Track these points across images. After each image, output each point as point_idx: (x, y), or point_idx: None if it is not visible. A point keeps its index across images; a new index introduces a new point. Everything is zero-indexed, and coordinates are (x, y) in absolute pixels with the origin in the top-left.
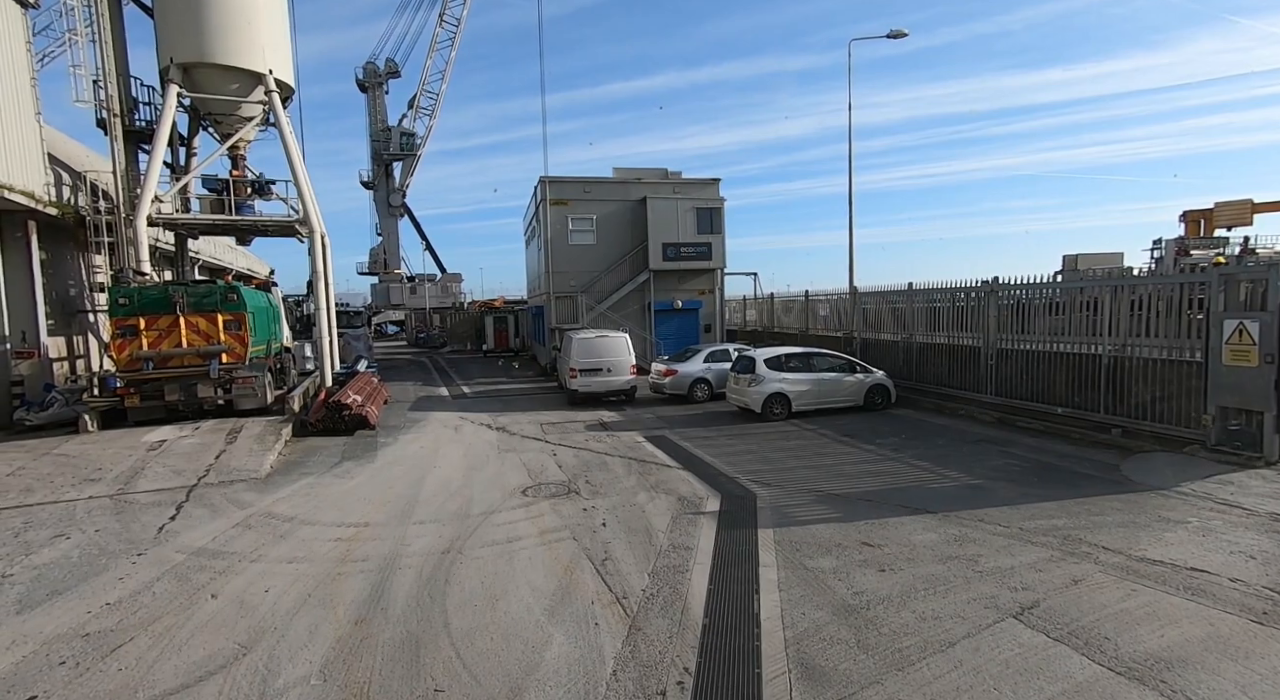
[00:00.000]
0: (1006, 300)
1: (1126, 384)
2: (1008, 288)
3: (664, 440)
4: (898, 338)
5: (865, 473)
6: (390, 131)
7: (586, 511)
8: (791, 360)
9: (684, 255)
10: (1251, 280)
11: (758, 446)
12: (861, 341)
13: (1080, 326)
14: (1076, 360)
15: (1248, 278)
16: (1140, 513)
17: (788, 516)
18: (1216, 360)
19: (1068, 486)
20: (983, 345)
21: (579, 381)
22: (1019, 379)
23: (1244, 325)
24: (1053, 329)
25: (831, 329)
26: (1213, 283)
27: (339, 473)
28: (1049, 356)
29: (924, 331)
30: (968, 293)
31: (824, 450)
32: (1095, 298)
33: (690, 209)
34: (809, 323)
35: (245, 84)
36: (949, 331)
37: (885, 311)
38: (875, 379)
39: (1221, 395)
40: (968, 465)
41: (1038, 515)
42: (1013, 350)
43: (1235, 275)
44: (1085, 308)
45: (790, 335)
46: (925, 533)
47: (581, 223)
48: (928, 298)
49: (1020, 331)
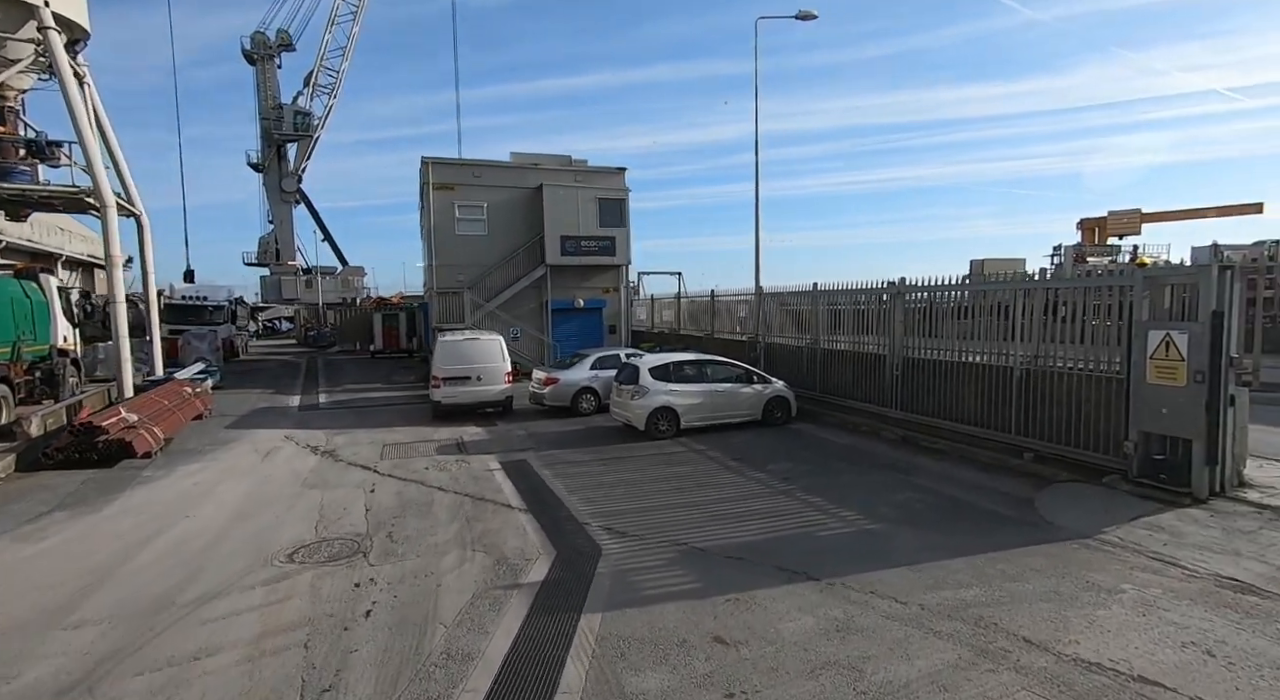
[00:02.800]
0: (913, 303)
1: (1039, 401)
2: (914, 289)
3: (522, 467)
4: (802, 343)
5: (746, 514)
6: (283, 109)
7: (359, 589)
8: (681, 369)
9: (585, 249)
10: (1179, 284)
11: (631, 475)
12: (766, 346)
13: (990, 334)
14: (986, 372)
15: (1176, 281)
16: (1065, 575)
17: (630, 589)
18: (1139, 377)
19: (978, 533)
20: (888, 353)
21: (443, 392)
22: (926, 392)
23: (1171, 337)
24: (962, 336)
25: (738, 332)
26: (1136, 286)
27: (29, 531)
28: (957, 367)
29: (828, 337)
30: (871, 295)
31: (707, 480)
32: (1005, 303)
33: (592, 199)
34: (715, 325)
35: (11, 15)
36: (854, 337)
37: (790, 314)
38: (774, 390)
39: (1145, 419)
40: (866, 501)
41: (944, 581)
42: (920, 359)
43: (1161, 278)
44: (994, 313)
45: (696, 339)
46: (800, 616)
47: (471, 211)
48: (831, 300)
49: (929, 338)
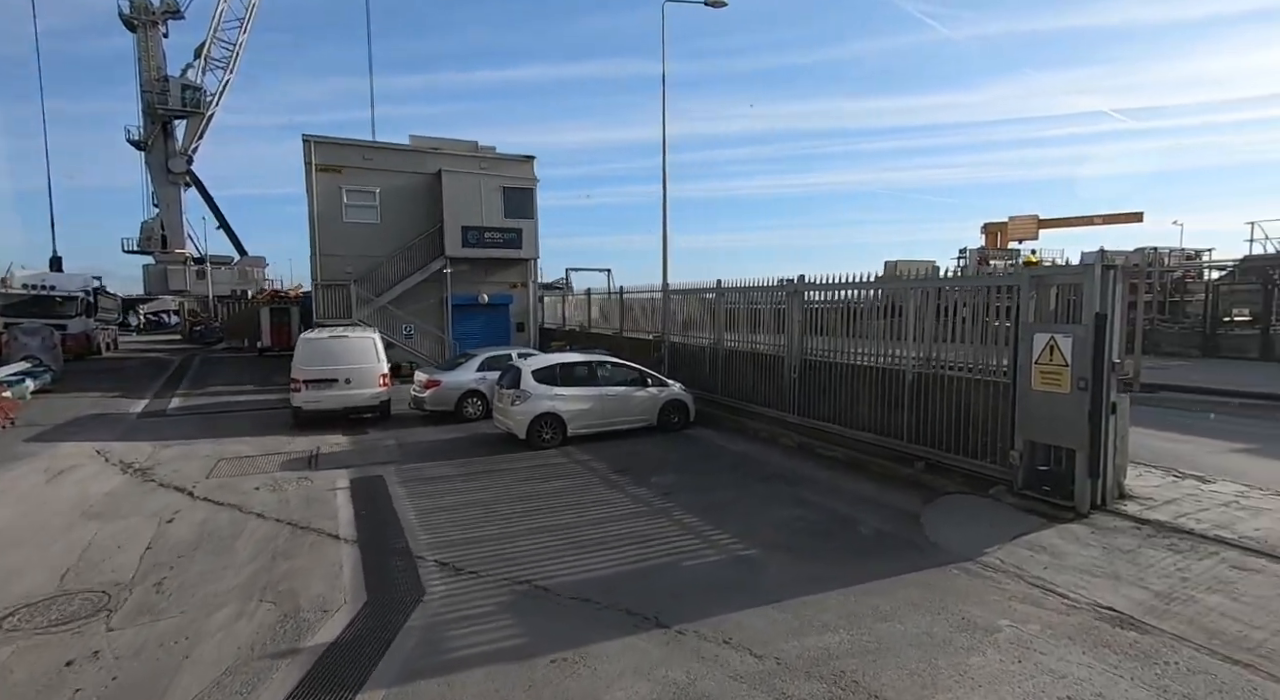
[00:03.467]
0: (811, 302)
1: (931, 407)
2: (811, 288)
3: (373, 486)
4: (704, 343)
5: (613, 539)
6: (169, 82)
7: (69, 670)
8: (569, 371)
9: (489, 241)
10: (1065, 284)
11: (498, 493)
12: (670, 347)
13: (883, 336)
14: (880, 376)
15: (1062, 281)
16: (940, 611)
17: (436, 650)
18: (1025, 383)
19: (858, 558)
20: (786, 355)
21: (304, 396)
22: (823, 396)
23: (1055, 341)
24: (857, 335)
25: (647, 331)
26: (1022, 286)
27: None
28: (853, 370)
29: (729, 337)
30: (770, 293)
31: (581, 497)
32: (898, 304)
33: (497, 188)
34: (624, 324)
35: None
36: (754, 337)
37: (693, 313)
38: (671, 394)
39: (1030, 427)
40: (747, 520)
41: (810, 623)
42: (817, 362)
43: (1048, 278)
44: (887, 314)
45: (606, 337)
46: (634, 681)
47: (361, 196)
48: (733, 298)
49: (828, 338)
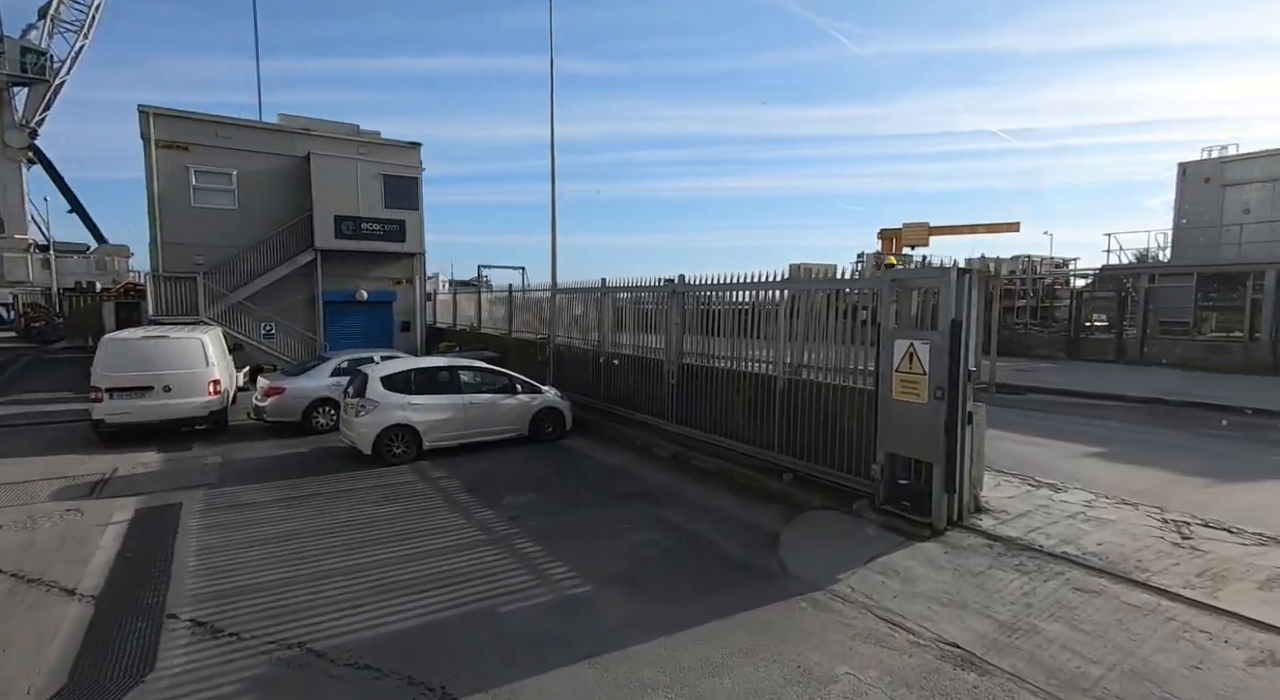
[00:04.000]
0: (693, 303)
1: (799, 416)
2: (691, 288)
3: (162, 517)
4: (588, 345)
5: (428, 578)
6: (3, 43)
7: None
8: (427, 377)
9: (366, 233)
10: (925, 289)
11: (318, 521)
12: (555, 349)
13: (756, 339)
14: (753, 383)
15: (921, 285)
16: (775, 658)
17: None
18: (886, 392)
19: (700, 593)
20: (666, 359)
21: (107, 407)
22: (701, 403)
23: (914, 348)
24: (734, 337)
25: (533, 331)
26: (883, 290)
27: None
28: (728, 376)
29: (612, 339)
30: (651, 293)
31: (415, 525)
32: (768, 308)
33: (376, 176)
34: (514, 324)
35: None
36: (637, 340)
37: (580, 313)
38: (544, 401)
39: (890, 439)
40: (593, 548)
41: (624, 686)
42: (696, 367)
43: (909, 281)
44: (760, 317)
45: (495, 338)
46: None
47: (214, 179)
48: (617, 298)
49: (707, 342)
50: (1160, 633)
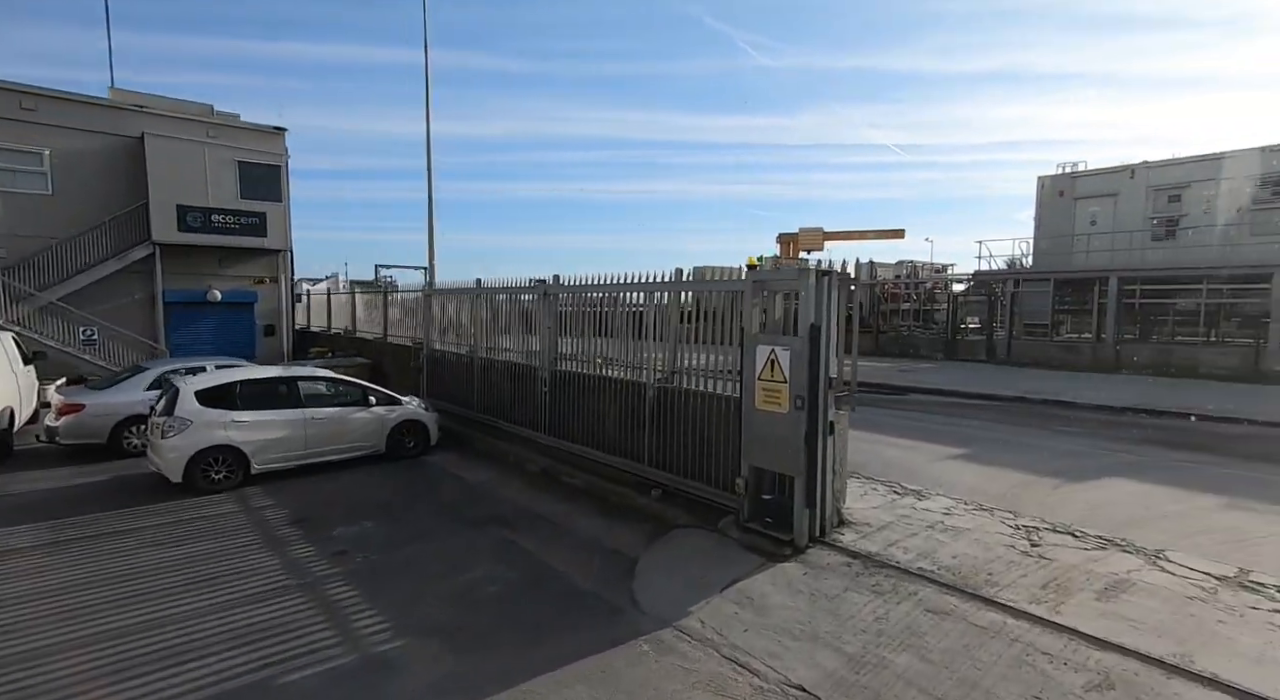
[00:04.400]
0: (568, 305)
1: (670, 425)
2: (563, 289)
3: None
4: (464, 351)
5: (207, 640)
6: None
7: None
8: (257, 390)
9: (218, 226)
10: (789, 291)
11: (87, 571)
12: (429, 355)
13: (627, 344)
14: (626, 390)
15: (783, 287)
16: None
17: None
18: (750, 401)
19: (533, 640)
20: (539, 365)
21: None
22: (574, 413)
23: (776, 354)
24: (607, 347)
25: (409, 336)
26: (746, 292)
27: None
28: (601, 384)
29: (487, 344)
30: (525, 294)
31: (218, 568)
32: (639, 309)
33: (229, 162)
34: (388, 328)
35: None
36: (511, 345)
37: (455, 316)
38: (404, 414)
39: (754, 451)
40: (421, 588)
41: None
42: (568, 373)
43: (772, 283)
44: (633, 320)
45: (368, 342)
46: None
47: (20, 158)
48: (493, 300)
49: (580, 346)
50: (1004, 658)
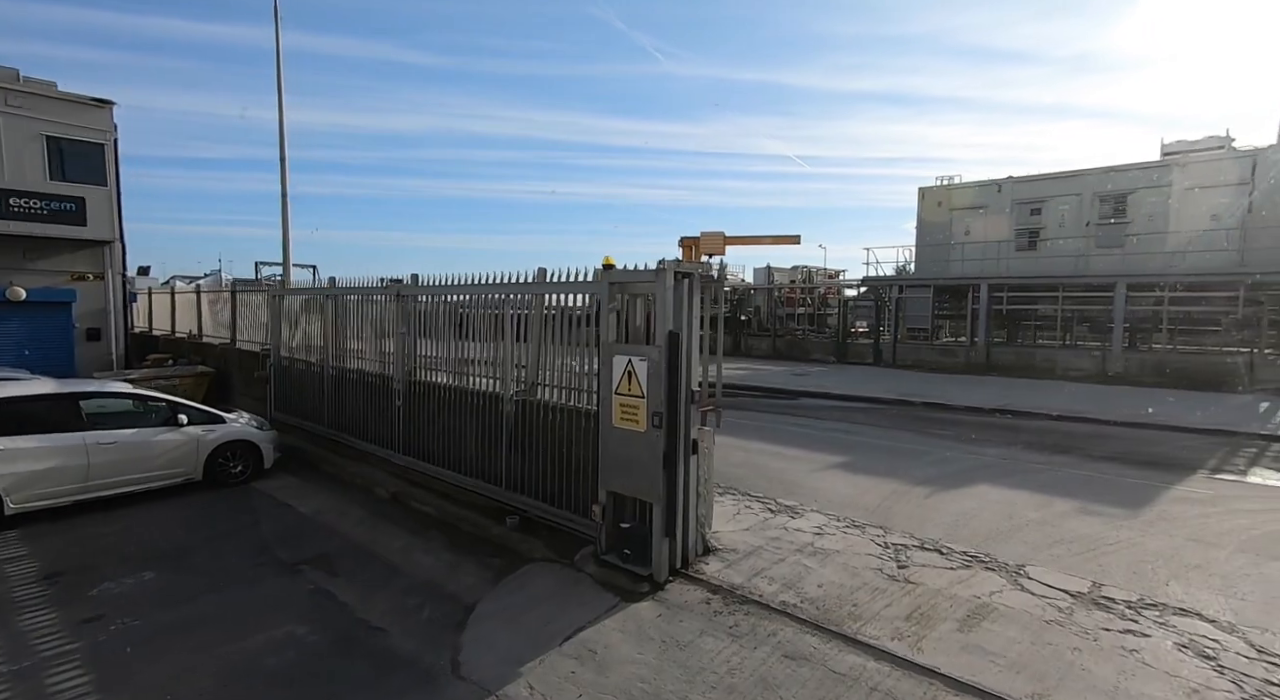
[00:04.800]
0: (425, 309)
1: (531, 444)
2: (417, 290)
3: None
4: (314, 358)
5: None
6: None
7: None
8: (18, 411)
9: (19, 211)
10: (647, 295)
11: None
12: (277, 364)
13: (488, 352)
14: (485, 403)
15: (641, 290)
16: None
17: None
18: (607, 418)
19: None
20: (394, 375)
21: None
22: (430, 429)
23: (633, 365)
24: (466, 354)
25: (259, 341)
26: (601, 295)
27: None
28: (459, 396)
29: (338, 351)
30: (377, 296)
31: None
32: (502, 313)
33: (34, 137)
34: (236, 331)
35: None
36: (366, 352)
37: (305, 320)
38: (227, 434)
39: (612, 474)
40: (189, 663)
41: None
42: (426, 384)
43: (629, 285)
44: (494, 325)
45: (214, 348)
46: None
47: None
48: (344, 303)
49: (439, 356)
50: None
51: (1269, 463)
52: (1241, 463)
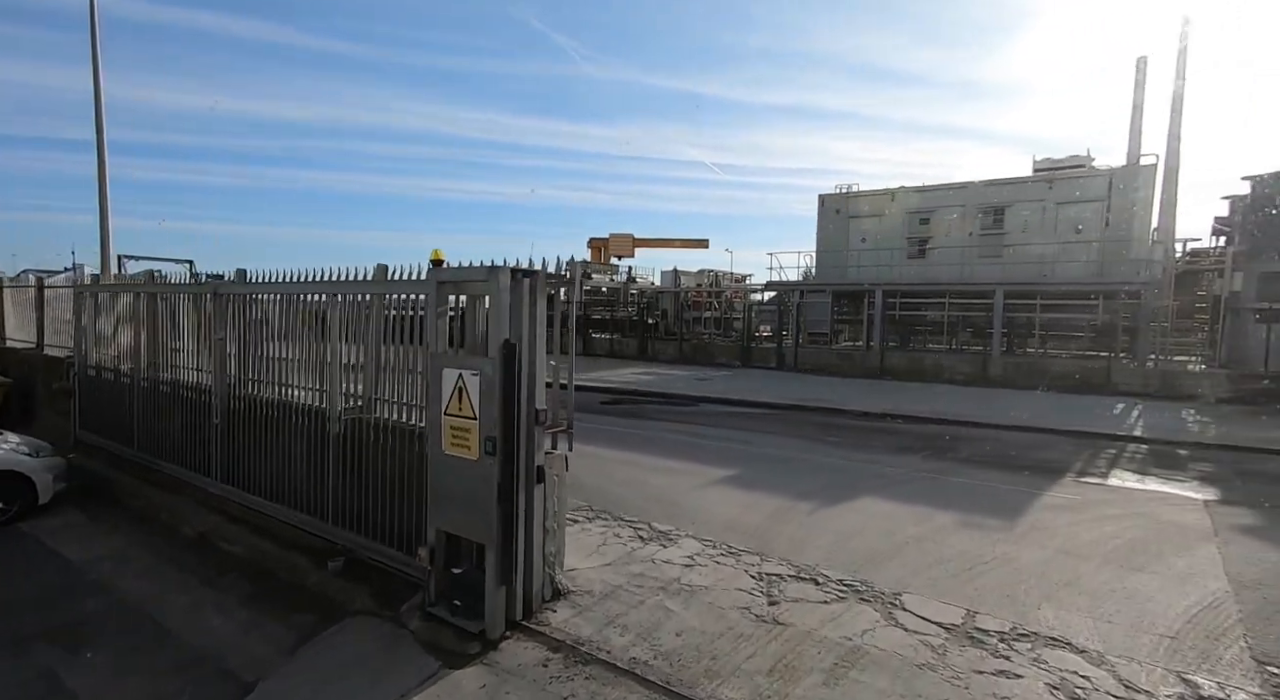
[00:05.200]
0: (253, 310)
1: (364, 471)
2: (239, 288)
3: None
4: (125, 367)
5: None
6: None
7: None
8: None
9: None
10: (480, 296)
11: None
12: (84, 373)
13: (310, 362)
14: (312, 423)
15: (474, 290)
16: None
17: None
18: (437, 443)
19: None
20: (212, 388)
21: None
22: (252, 452)
23: (464, 380)
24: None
25: (67, 345)
26: (429, 296)
27: None
28: (284, 413)
29: (150, 359)
30: (185, 294)
31: None
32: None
33: None
34: (44, 335)
35: None
36: (184, 360)
37: (116, 322)
38: None
39: (441, 509)
40: None
41: None
42: (249, 398)
43: (463, 284)
44: (318, 330)
45: (15, 353)
46: None
47: None
48: (157, 302)
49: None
50: None
51: (1125, 464)
52: (1103, 465)
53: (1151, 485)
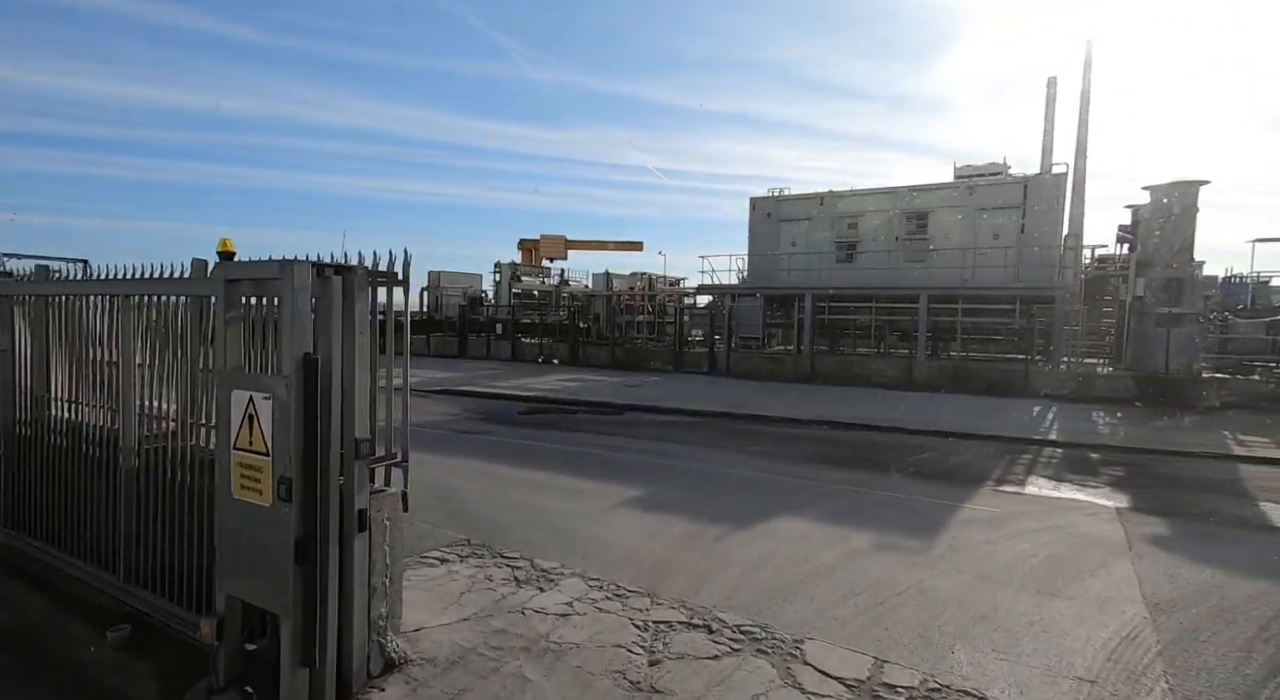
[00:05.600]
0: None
1: (159, 516)
2: (25, 288)
3: None
4: None
5: None
6: None
7: None
8: None
9: None
10: (273, 297)
11: None
12: None
13: (101, 383)
14: (106, 456)
15: (270, 292)
16: None
17: None
18: (225, 484)
19: None
20: None
21: None
22: (42, 491)
23: (255, 405)
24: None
25: None
26: (217, 296)
27: None
28: (77, 443)
29: None
30: None
31: None
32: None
33: None
34: None
35: None
36: None
37: None
38: None
39: (231, 569)
40: None
41: None
42: (36, 426)
43: (266, 283)
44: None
45: None
46: None
47: None
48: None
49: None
50: None
51: (1040, 470)
52: (1020, 471)
53: (1066, 492)
